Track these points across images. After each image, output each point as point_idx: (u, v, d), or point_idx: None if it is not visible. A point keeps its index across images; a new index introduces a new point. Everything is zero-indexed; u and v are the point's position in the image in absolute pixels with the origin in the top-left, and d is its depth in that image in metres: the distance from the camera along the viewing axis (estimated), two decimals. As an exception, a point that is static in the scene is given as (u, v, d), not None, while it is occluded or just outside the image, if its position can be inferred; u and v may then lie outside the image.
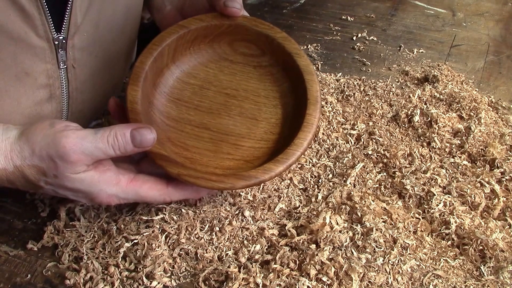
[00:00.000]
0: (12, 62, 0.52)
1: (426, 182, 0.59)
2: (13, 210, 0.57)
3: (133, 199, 0.50)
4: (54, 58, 0.55)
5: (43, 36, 0.53)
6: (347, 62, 0.86)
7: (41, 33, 0.52)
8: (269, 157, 0.52)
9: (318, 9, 1.05)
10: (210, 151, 0.53)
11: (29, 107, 0.56)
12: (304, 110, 0.53)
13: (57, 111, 0.59)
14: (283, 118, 0.56)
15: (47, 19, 0.52)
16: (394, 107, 0.72)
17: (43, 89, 0.56)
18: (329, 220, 0.52)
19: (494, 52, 0.90)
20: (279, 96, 0.57)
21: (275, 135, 0.55)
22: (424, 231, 0.53)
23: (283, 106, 0.56)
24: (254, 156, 0.53)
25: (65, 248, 0.51)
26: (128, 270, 0.49)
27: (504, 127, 0.68)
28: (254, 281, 0.47)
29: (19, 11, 0.49)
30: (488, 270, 0.50)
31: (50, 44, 0.54)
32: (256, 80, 0.57)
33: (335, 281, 0.47)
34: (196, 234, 0.52)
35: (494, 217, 0.55)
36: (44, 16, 0.51)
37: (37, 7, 0.50)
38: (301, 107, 0.53)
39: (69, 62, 0.57)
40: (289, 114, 0.56)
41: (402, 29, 0.97)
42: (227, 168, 0.52)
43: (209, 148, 0.54)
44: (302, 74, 0.54)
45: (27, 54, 0.53)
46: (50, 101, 0.57)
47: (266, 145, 0.54)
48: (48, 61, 0.55)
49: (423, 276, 0.49)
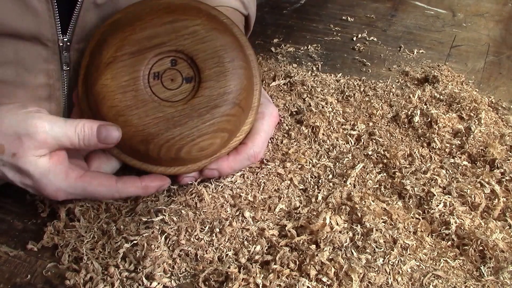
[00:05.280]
0: (13, 58, 0.52)
1: (426, 182, 0.59)
2: (13, 210, 0.57)
3: (81, 195, 0.51)
4: (57, 59, 0.55)
5: (50, 38, 0.53)
6: (347, 63, 0.86)
7: (48, 34, 0.53)
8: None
9: (318, 10, 1.05)
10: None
11: (28, 103, 0.56)
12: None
13: (56, 112, 0.59)
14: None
15: (56, 21, 0.52)
16: (394, 108, 0.72)
17: (43, 88, 0.56)
18: (329, 220, 0.52)
19: (494, 52, 0.90)
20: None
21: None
22: (424, 232, 0.53)
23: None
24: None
25: (65, 249, 0.51)
26: (128, 271, 0.49)
27: (504, 128, 0.68)
28: (254, 282, 0.47)
29: (31, 12, 0.50)
30: (488, 270, 0.50)
31: (55, 46, 0.54)
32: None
33: (335, 281, 0.47)
34: (196, 235, 0.52)
35: (494, 217, 0.55)
36: (53, 18, 0.52)
37: (48, 9, 0.51)
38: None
39: (72, 65, 0.57)
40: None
41: (402, 30, 0.97)
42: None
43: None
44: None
45: (30, 53, 0.53)
46: (49, 101, 0.57)
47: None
48: (50, 62, 0.55)
49: (423, 276, 0.49)
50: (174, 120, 0.51)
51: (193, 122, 0.51)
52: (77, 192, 0.51)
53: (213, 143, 0.52)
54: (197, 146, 0.51)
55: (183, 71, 0.53)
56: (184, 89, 0.52)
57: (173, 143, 0.51)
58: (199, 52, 0.52)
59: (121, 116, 0.51)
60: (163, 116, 0.51)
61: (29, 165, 0.48)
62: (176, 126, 0.51)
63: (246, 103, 0.54)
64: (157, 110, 0.51)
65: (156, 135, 0.50)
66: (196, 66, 0.52)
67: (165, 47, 0.52)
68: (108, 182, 0.51)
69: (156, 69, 0.52)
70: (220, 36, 0.53)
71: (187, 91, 0.52)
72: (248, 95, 0.55)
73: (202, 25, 0.52)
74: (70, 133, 0.49)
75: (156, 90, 0.52)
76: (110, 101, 0.51)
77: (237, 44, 0.54)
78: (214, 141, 0.52)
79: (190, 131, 0.51)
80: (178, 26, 0.52)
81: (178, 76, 0.53)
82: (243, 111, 0.54)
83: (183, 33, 0.52)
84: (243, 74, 0.53)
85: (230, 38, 0.53)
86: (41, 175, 0.49)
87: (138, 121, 0.51)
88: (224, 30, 0.54)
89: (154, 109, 0.51)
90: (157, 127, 0.51)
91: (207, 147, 0.52)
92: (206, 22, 0.53)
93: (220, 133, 0.52)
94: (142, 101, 0.51)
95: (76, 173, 0.51)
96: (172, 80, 0.52)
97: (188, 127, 0.51)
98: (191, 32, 0.52)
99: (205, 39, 0.52)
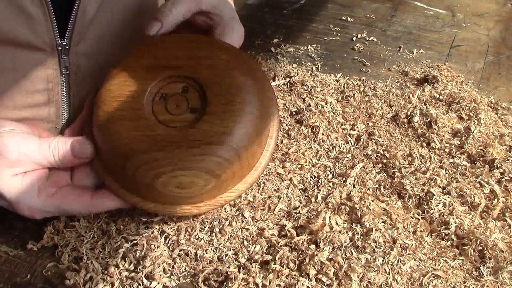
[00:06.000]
0: (11, 65, 0.52)
1: (425, 182, 0.59)
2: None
3: (56, 212, 0.51)
4: (56, 63, 0.55)
5: (47, 42, 0.53)
6: (347, 63, 0.86)
7: (46, 39, 0.52)
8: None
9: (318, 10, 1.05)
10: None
11: (25, 109, 0.56)
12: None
13: (56, 116, 0.58)
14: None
15: (53, 26, 0.52)
16: (394, 108, 0.72)
17: (41, 93, 0.56)
18: (329, 220, 0.52)
19: (494, 52, 0.90)
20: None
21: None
22: (423, 232, 0.53)
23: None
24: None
25: (65, 248, 0.51)
26: (128, 271, 0.49)
27: (504, 128, 0.68)
28: (254, 281, 0.47)
29: (25, 17, 0.49)
30: (488, 270, 0.50)
31: (53, 50, 0.54)
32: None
33: (335, 281, 0.47)
34: (196, 235, 0.52)
35: (493, 217, 0.55)
36: (50, 22, 0.51)
37: (43, 14, 0.50)
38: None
39: (71, 68, 0.57)
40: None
41: (402, 30, 0.97)
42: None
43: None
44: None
45: (28, 59, 0.53)
46: (48, 105, 0.57)
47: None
48: (49, 66, 0.55)
49: (422, 276, 0.49)
50: (161, 143, 0.46)
51: (179, 150, 0.46)
52: (51, 210, 0.50)
53: (195, 183, 0.47)
54: (176, 179, 0.46)
55: (191, 101, 0.49)
56: (185, 118, 0.48)
57: (152, 167, 0.46)
58: (214, 86, 0.49)
59: (110, 123, 0.48)
60: (152, 136, 0.47)
61: (3, 185, 0.48)
62: (161, 149, 0.46)
63: (247, 154, 0.49)
64: (148, 128, 0.47)
65: (136, 152, 0.46)
66: (206, 99, 0.49)
67: (181, 71, 0.50)
68: (82, 198, 0.50)
69: (165, 90, 0.50)
70: (240, 77, 0.50)
71: (187, 120, 0.48)
72: (252, 146, 0.49)
73: (225, 61, 0.50)
74: (44, 150, 0.49)
75: (157, 111, 0.49)
76: (106, 106, 0.49)
77: (256, 90, 0.50)
78: (196, 181, 0.46)
79: (172, 160, 0.46)
80: (200, 55, 0.50)
81: (185, 104, 0.49)
82: (241, 162, 0.48)
83: (204, 63, 0.50)
84: (252, 121, 0.48)
85: (250, 82, 0.50)
86: (13, 194, 0.48)
87: (125, 134, 0.47)
88: (246, 72, 0.51)
89: (145, 126, 0.47)
90: (140, 144, 0.46)
91: (186, 186, 0.47)
92: (229, 59, 0.50)
93: (205, 174, 0.46)
94: (138, 116, 0.48)
95: (48, 191, 0.50)
96: (177, 106, 0.49)
97: (173, 155, 0.46)
98: (212, 65, 0.50)
99: (223, 74, 0.49)
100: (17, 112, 0.56)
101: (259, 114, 0.49)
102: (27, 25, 0.50)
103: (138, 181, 0.47)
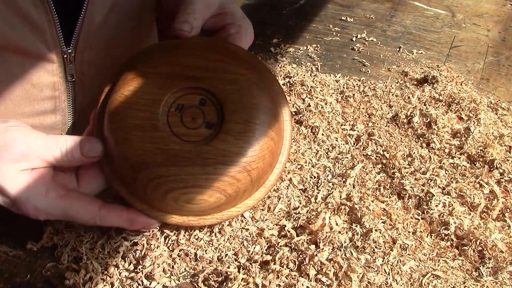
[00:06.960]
0: (19, 73, 0.52)
1: (425, 182, 0.59)
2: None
3: (61, 216, 0.48)
4: (62, 71, 0.55)
5: (53, 50, 0.52)
6: (346, 63, 0.86)
7: (51, 46, 0.52)
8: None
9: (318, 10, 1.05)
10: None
11: (32, 117, 0.56)
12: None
13: (62, 123, 0.58)
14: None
15: (58, 33, 0.51)
16: (394, 108, 0.73)
17: (48, 100, 0.56)
18: (329, 220, 0.52)
19: (494, 53, 0.90)
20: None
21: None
22: (423, 232, 0.53)
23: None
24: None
25: (65, 248, 0.51)
26: (128, 271, 0.49)
27: (503, 128, 0.69)
28: (254, 282, 0.47)
29: (30, 25, 0.49)
30: (487, 270, 0.50)
31: (59, 58, 0.53)
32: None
33: (335, 281, 0.47)
34: (196, 235, 0.52)
35: (493, 218, 0.55)
36: (54, 29, 0.51)
37: (48, 21, 0.50)
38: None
39: (77, 76, 0.56)
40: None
41: (402, 30, 0.97)
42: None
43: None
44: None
45: (35, 67, 0.52)
46: (54, 113, 0.57)
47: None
48: (55, 74, 0.54)
49: (422, 276, 0.49)
50: (175, 158, 0.46)
51: (193, 168, 0.46)
52: (57, 213, 0.47)
53: (205, 201, 0.47)
54: (186, 196, 0.46)
55: (208, 115, 0.48)
56: (200, 133, 0.47)
57: (163, 182, 0.46)
58: (232, 102, 0.48)
59: (124, 132, 0.47)
60: (166, 150, 0.46)
61: (6, 181, 0.45)
62: (174, 165, 0.46)
63: (258, 174, 0.49)
64: (162, 141, 0.46)
65: (149, 166, 0.46)
66: (223, 115, 0.48)
67: (200, 83, 0.48)
68: (91, 207, 0.48)
69: (182, 101, 0.48)
70: (259, 96, 0.49)
71: (202, 135, 0.47)
72: (264, 167, 0.49)
73: (245, 77, 0.49)
74: (52, 146, 0.46)
75: (172, 122, 0.47)
76: (120, 115, 0.47)
77: (274, 112, 0.50)
78: (207, 199, 0.47)
79: (185, 177, 0.46)
80: (221, 68, 0.49)
81: (201, 117, 0.48)
82: (252, 182, 0.48)
83: (224, 77, 0.49)
84: (267, 144, 0.48)
85: (268, 102, 0.49)
86: (20, 191, 0.46)
87: (138, 145, 0.46)
88: (267, 92, 0.50)
89: (160, 139, 0.46)
90: (154, 157, 0.46)
91: (197, 202, 0.47)
92: (250, 76, 0.49)
93: (216, 193, 0.47)
94: (152, 126, 0.47)
95: (57, 192, 0.47)
96: (193, 119, 0.48)
97: (186, 171, 0.46)
98: (232, 80, 0.49)
99: (243, 92, 0.48)
100: (24, 120, 0.55)
101: (274, 136, 0.49)
102: (32, 33, 0.50)
103: (148, 193, 0.47)
